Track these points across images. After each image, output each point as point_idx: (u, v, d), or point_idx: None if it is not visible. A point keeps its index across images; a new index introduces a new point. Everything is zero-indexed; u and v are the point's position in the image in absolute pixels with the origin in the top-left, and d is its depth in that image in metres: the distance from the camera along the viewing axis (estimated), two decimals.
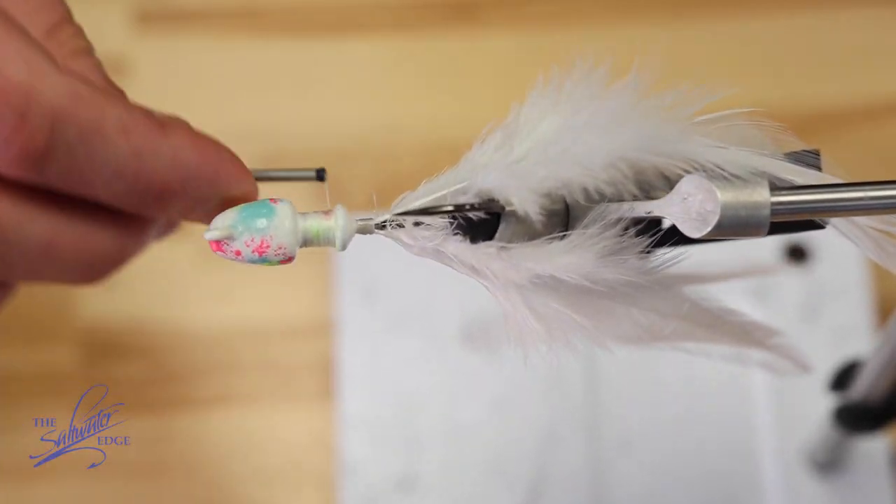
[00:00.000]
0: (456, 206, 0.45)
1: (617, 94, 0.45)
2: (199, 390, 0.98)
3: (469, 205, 0.45)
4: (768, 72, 1.07)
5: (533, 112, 0.46)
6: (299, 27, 1.08)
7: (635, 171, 0.45)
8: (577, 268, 0.44)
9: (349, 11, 1.08)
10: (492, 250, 0.45)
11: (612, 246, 0.45)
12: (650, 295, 0.48)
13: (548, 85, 0.46)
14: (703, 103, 0.46)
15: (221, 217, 0.46)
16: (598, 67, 0.46)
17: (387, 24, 1.08)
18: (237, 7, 1.08)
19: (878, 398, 0.77)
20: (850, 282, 0.97)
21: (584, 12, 1.07)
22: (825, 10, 1.08)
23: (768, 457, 0.93)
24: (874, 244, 0.46)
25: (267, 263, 0.46)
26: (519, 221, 0.45)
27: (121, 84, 0.49)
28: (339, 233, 0.46)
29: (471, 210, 0.45)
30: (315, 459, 0.96)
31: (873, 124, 1.05)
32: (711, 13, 1.07)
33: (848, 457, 0.91)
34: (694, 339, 0.52)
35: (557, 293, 0.45)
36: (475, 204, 0.45)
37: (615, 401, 0.94)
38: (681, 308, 0.49)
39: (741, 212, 0.42)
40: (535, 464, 0.93)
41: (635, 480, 0.93)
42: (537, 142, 0.45)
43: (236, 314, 1.00)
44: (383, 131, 1.05)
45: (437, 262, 0.46)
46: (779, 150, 0.46)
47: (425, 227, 0.46)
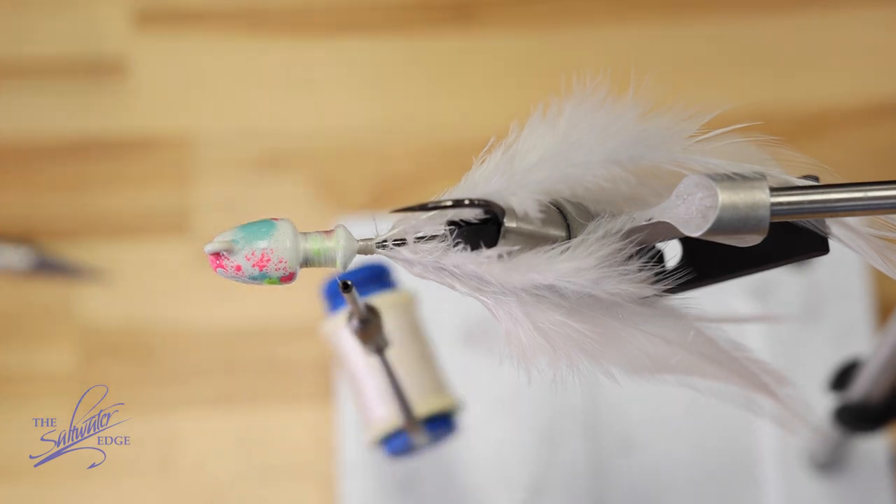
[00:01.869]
0: (455, 202, 0.45)
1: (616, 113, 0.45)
2: (199, 390, 0.98)
3: (468, 200, 0.45)
4: (768, 72, 1.07)
5: (532, 136, 0.46)
6: (299, 27, 1.08)
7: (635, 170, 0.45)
8: (578, 274, 0.44)
9: (349, 11, 1.08)
10: (493, 256, 0.45)
11: (613, 254, 0.45)
12: (655, 319, 0.48)
13: (546, 113, 0.46)
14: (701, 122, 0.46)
15: (223, 232, 0.46)
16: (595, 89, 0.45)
17: (386, 25, 1.08)
18: (237, 7, 1.08)
19: (878, 398, 0.77)
20: (850, 282, 0.96)
21: (584, 12, 1.07)
22: (826, 10, 1.08)
23: (768, 457, 0.93)
24: (877, 253, 0.46)
25: (268, 280, 0.46)
26: (519, 233, 0.45)
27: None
28: (340, 253, 0.46)
29: (469, 206, 0.45)
30: (315, 459, 0.96)
31: (873, 124, 1.05)
32: (711, 13, 1.07)
33: (848, 457, 0.91)
34: (701, 374, 0.51)
35: (560, 308, 0.45)
36: (474, 200, 0.45)
37: (615, 401, 0.94)
38: (686, 335, 0.49)
39: (741, 210, 0.42)
40: (535, 464, 0.93)
41: (635, 480, 0.93)
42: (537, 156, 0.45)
43: (236, 314, 1.00)
44: (382, 131, 1.05)
45: (438, 282, 0.46)
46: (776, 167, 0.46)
47: (426, 241, 0.45)
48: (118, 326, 0.99)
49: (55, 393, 0.97)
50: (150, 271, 1.01)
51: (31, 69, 1.06)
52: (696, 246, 0.48)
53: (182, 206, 1.02)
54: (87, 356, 0.98)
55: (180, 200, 1.03)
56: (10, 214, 1.02)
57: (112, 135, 1.04)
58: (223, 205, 1.03)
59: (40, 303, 1.00)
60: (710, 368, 0.51)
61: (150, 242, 1.01)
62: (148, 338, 0.99)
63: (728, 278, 0.48)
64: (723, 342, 0.51)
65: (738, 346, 0.51)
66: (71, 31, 1.07)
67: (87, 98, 1.05)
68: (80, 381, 0.97)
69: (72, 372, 0.98)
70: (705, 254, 0.48)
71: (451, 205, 0.45)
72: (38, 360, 0.99)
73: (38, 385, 0.98)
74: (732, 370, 0.51)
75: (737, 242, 0.44)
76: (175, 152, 1.04)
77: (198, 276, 1.00)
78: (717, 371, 0.51)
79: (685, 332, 0.49)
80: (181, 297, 1.00)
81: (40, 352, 0.99)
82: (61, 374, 0.98)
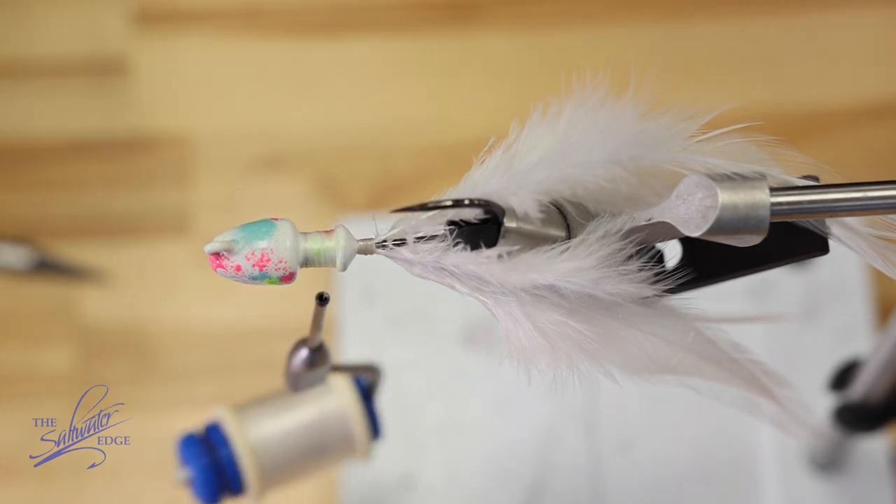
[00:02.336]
0: (455, 202, 0.45)
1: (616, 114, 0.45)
2: (199, 390, 0.98)
3: (468, 200, 0.45)
4: (768, 72, 1.07)
5: (532, 135, 0.46)
6: (299, 27, 1.08)
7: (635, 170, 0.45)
8: (578, 274, 0.44)
9: (349, 11, 1.08)
10: (493, 256, 0.45)
11: (614, 255, 0.45)
12: (655, 319, 0.48)
13: (546, 113, 0.46)
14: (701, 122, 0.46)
15: (223, 232, 0.46)
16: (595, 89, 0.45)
17: (386, 25, 1.08)
18: (237, 7, 1.08)
19: (878, 398, 0.77)
20: (850, 282, 0.96)
21: (584, 12, 1.07)
22: (826, 10, 1.08)
23: (768, 457, 0.93)
24: (877, 253, 0.46)
25: (268, 280, 0.46)
26: (519, 233, 0.45)
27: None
28: (340, 253, 0.46)
29: (469, 206, 0.45)
30: None
31: (873, 124, 1.05)
32: (711, 13, 1.07)
33: (848, 457, 0.91)
34: (701, 375, 0.51)
35: (560, 308, 0.45)
36: (474, 200, 0.45)
37: (615, 401, 0.94)
38: (686, 336, 0.49)
39: (741, 210, 0.42)
40: (535, 464, 0.93)
41: (635, 480, 0.93)
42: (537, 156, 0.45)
43: (236, 314, 1.00)
44: (382, 131, 1.05)
45: (438, 282, 0.46)
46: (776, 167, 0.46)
47: (426, 241, 0.45)
48: (118, 326, 0.99)
49: (55, 393, 0.97)
50: (150, 271, 1.01)
51: (32, 69, 1.06)
52: (695, 246, 0.48)
53: (182, 206, 1.02)
54: (87, 356, 0.98)
55: (180, 200, 1.03)
56: (10, 214, 1.02)
57: (112, 135, 1.04)
58: (223, 205, 1.03)
59: (40, 303, 1.00)
60: (709, 369, 0.51)
61: (150, 242, 1.01)
62: (148, 338, 0.99)
63: (728, 278, 0.48)
64: (723, 343, 0.51)
65: (738, 347, 0.51)
66: (71, 31, 1.07)
67: (87, 98, 1.05)
68: (80, 381, 0.98)
69: (72, 372, 0.98)
70: (705, 254, 0.48)
71: (450, 205, 0.45)
72: (38, 360, 0.99)
73: (38, 385, 0.98)
74: (732, 371, 0.51)
75: (737, 242, 0.44)
76: (175, 152, 1.04)
77: (198, 275, 1.00)
78: (716, 372, 0.51)
79: (685, 332, 0.49)
80: (181, 297, 1.00)
81: (40, 352, 0.99)
82: (61, 374, 0.98)
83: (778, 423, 0.55)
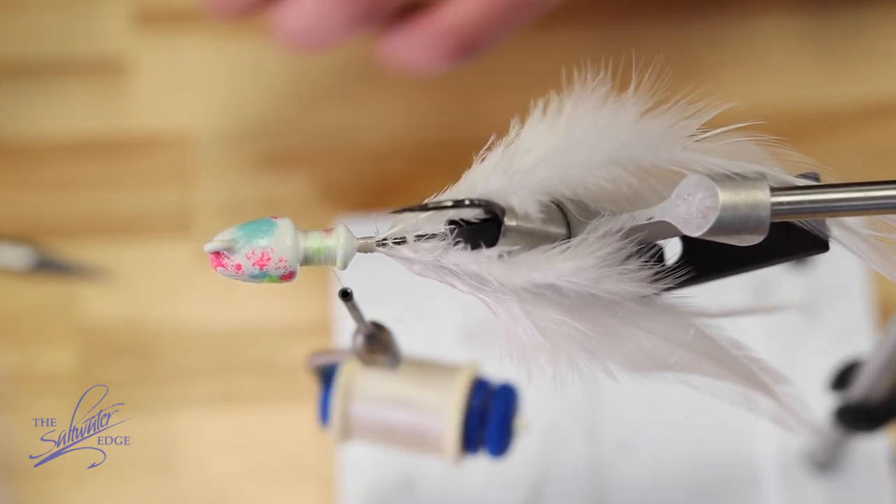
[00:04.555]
0: (455, 202, 0.45)
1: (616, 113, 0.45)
2: (199, 390, 0.98)
3: (468, 200, 0.45)
4: (769, 72, 1.06)
5: (532, 134, 0.46)
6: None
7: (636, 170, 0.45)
8: (578, 274, 0.44)
9: None
10: (493, 255, 0.45)
11: (614, 253, 0.45)
12: (655, 317, 0.48)
13: (547, 110, 0.46)
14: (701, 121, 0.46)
15: (222, 231, 0.47)
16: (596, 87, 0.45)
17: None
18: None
19: (878, 398, 0.77)
20: (850, 282, 0.96)
21: (584, 11, 1.07)
22: (826, 9, 1.08)
23: (768, 457, 0.93)
24: (878, 255, 0.46)
25: (268, 279, 0.46)
26: (520, 232, 0.45)
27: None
28: (341, 251, 0.47)
29: (470, 206, 0.45)
30: (315, 459, 0.96)
31: (873, 124, 1.05)
32: (711, 13, 1.07)
33: (848, 457, 0.91)
34: (700, 371, 0.51)
35: (560, 307, 0.45)
36: (474, 200, 0.45)
37: (615, 401, 0.94)
38: (685, 334, 0.49)
39: (741, 210, 0.42)
40: (535, 464, 0.93)
41: (635, 480, 0.93)
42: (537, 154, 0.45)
43: (237, 314, 1.00)
44: (382, 130, 1.04)
45: (439, 280, 0.46)
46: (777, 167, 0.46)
47: (426, 239, 0.45)
48: (118, 326, 0.99)
49: (55, 393, 0.97)
50: (150, 271, 1.01)
51: (31, 69, 1.06)
52: (695, 244, 0.48)
53: (182, 205, 1.02)
54: (87, 356, 0.98)
55: (181, 200, 1.03)
56: (10, 214, 1.02)
57: (112, 134, 1.04)
58: (223, 205, 1.03)
59: (40, 303, 1.00)
60: (709, 366, 0.51)
61: (151, 242, 1.01)
62: (148, 338, 0.99)
63: (728, 275, 0.49)
64: (722, 340, 0.51)
65: (738, 344, 0.51)
66: (71, 31, 1.06)
67: (86, 97, 1.05)
68: (81, 381, 0.97)
69: (72, 372, 0.98)
70: (705, 251, 0.48)
71: (451, 205, 0.45)
72: (38, 360, 0.98)
73: (38, 385, 0.98)
74: (731, 368, 0.52)
75: (737, 242, 0.44)
76: (175, 152, 1.04)
77: (198, 275, 1.00)
78: (715, 368, 0.51)
79: (685, 329, 0.49)
80: (181, 297, 1.00)
81: (40, 352, 0.99)
82: (61, 374, 0.98)
83: (776, 419, 0.55)
